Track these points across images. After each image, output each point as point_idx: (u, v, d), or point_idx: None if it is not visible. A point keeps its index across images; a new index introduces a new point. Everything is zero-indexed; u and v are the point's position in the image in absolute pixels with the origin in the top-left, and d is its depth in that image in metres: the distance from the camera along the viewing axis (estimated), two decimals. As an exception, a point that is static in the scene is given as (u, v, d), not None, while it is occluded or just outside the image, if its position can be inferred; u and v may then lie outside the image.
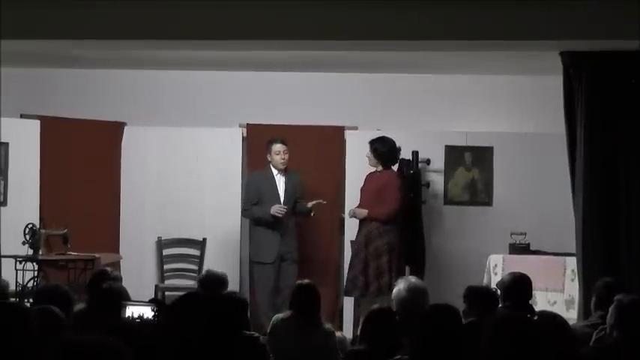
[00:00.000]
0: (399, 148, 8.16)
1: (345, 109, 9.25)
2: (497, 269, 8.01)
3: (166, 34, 6.96)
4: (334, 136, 9.22)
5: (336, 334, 5.81)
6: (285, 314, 5.74)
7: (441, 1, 6.65)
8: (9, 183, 8.74)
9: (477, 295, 5.54)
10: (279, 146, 8.26)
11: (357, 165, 8.64)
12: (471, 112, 9.27)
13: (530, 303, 5.93)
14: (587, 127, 7.07)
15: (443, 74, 9.14)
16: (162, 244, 9.19)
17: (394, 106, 9.29)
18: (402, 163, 8.34)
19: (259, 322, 7.64)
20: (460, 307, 4.94)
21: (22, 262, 7.83)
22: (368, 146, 8.11)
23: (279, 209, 8.16)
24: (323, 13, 6.73)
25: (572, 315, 7.32)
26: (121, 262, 8.79)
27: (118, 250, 9.05)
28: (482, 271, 8.07)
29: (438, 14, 6.70)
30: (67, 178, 8.99)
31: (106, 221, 9.14)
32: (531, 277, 5.96)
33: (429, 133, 9.01)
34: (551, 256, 8.08)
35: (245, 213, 8.54)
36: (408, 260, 8.11)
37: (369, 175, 8.18)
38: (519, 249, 8.24)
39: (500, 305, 5.61)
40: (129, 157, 9.26)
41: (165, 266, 9.20)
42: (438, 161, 8.97)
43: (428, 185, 8.82)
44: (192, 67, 9.04)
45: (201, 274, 6.16)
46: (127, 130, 9.28)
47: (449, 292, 6.76)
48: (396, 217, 8.01)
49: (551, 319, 4.24)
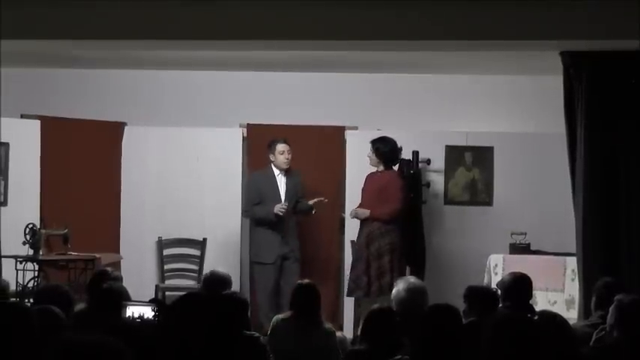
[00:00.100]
0: (400, 147, 8.16)
1: (346, 109, 9.25)
2: (497, 269, 8.01)
3: (166, 34, 6.96)
4: (334, 136, 9.22)
5: (337, 333, 5.81)
6: (286, 314, 5.74)
7: (441, 1, 6.65)
8: (9, 183, 8.74)
9: (478, 295, 5.55)
10: (282, 146, 8.25)
11: (358, 165, 8.64)
12: (472, 112, 9.26)
13: (531, 303, 5.93)
14: (588, 127, 7.07)
15: (443, 74, 9.13)
16: (162, 244, 9.19)
17: (394, 106, 9.29)
18: (402, 163, 8.34)
19: (259, 322, 7.65)
20: (460, 307, 4.94)
21: (23, 262, 7.83)
22: (369, 146, 8.10)
23: (281, 207, 8.14)
24: (323, 13, 6.73)
25: (572, 315, 7.32)
26: (122, 262, 8.79)
27: (118, 250, 9.05)
28: (483, 271, 8.07)
29: (438, 14, 6.70)
30: (67, 178, 8.99)
31: (107, 221, 9.14)
32: (531, 277, 5.96)
33: (429, 133, 9.01)
34: (552, 256, 8.08)
35: (246, 213, 8.53)
36: (408, 260, 8.11)
37: (369, 175, 8.17)
38: (519, 249, 8.24)
39: (501, 305, 5.61)
40: (129, 157, 9.26)
41: (166, 266, 9.20)
42: (438, 161, 8.97)
43: (428, 185, 8.82)
44: (193, 67, 9.04)
45: (206, 274, 6.14)
46: (127, 130, 9.28)
47: (449, 292, 6.76)
48: (399, 217, 8.01)
49: (552, 318, 4.24)
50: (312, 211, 8.40)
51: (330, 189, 9.01)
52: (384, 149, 8.03)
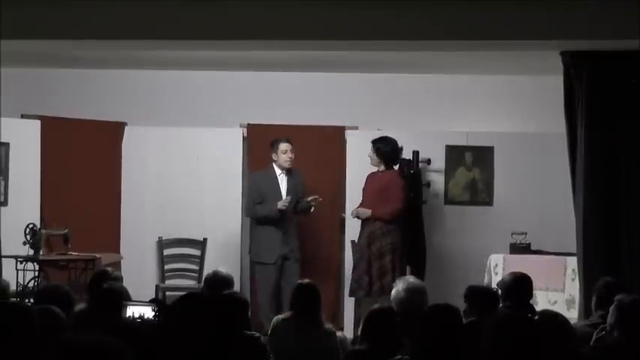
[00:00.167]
0: (401, 147, 8.15)
1: (346, 109, 9.25)
2: (497, 269, 8.01)
3: (166, 34, 6.95)
4: (335, 136, 9.22)
5: (337, 333, 5.80)
6: (286, 314, 5.73)
7: (441, 1, 6.65)
8: (9, 183, 8.74)
9: (478, 295, 5.54)
10: (285, 145, 8.24)
11: (358, 165, 8.64)
12: (472, 112, 9.26)
13: (531, 303, 5.93)
14: (588, 126, 7.07)
15: (443, 74, 9.14)
16: (162, 244, 9.19)
17: (395, 106, 9.29)
18: (402, 163, 8.33)
19: (260, 322, 7.64)
20: (461, 306, 4.94)
21: (23, 262, 7.83)
22: (369, 146, 8.10)
23: (285, 202, 8.13)
24: (323, 13, 6.73)
25: (572, 314, 7.32)
26: (122, 262, 8.79)
27: (118, 250, 9.05)
28: (483, 271, 8.07)
29: (438, 14, 6.70)
30: (67, 178, 8.99)
31: (107, 221, 9.14)
32: (532, 277, 5.96)
33: (429, 133, 9.01)
34: (552, 256, 8.08)
35: (248, 212, 8.49)
36: (408, 260, 8.11)
37: (370, 175, 8.16)
38: (520, 249, 8.24)
39: (501, 305, 5.61)
40: (129, 157, 9.26)
41: (166, 266, 9.20)
42: (438, 161, 8.97)
43: (428, 185, 8.82)
44: (193, 67, 9.04)
45: (208, 274, 6.13)
46: (127, 130, 9.28)
47: (449, 292, 6.76)
48: (400, 216, 8.00)
49: (553, 318, 4.24)
50: (311, 210, 8.38)
51: (331, 189, 9.01)
52: (384, 149, 8.02)
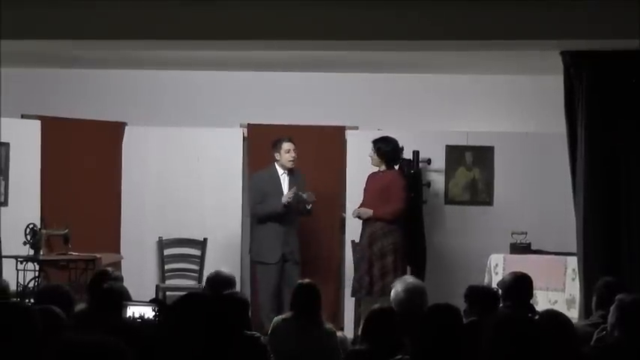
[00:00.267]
0: (401, 147, 8.15)
1: (346, 109, 9.25)
2: (498, 269, 8.00)
3: (166, 34, 6.95)
4: (335, 136, 9.22)
5: (337, 333, 5.80)
6: (286, 315, 5.73)
7: (441, 1, 6.65)
8: (10, 183, 8.74)
9: (478, 295, 5.54)
10: (288, 144, 8.22)
11: (358, 165, 8.64)
12: (472, 112, 9.26)
13: (531, 302, 5.93)
14: (588, 126, 7.07)
15: (443, 74, 9.13)
16: (163, 244, 9.19)
17: (395, 106, 9.29)
18: (402, 162, 8.33)
19: (261, 322, 7.63)
20: (461, 306, 4.94)
21: (23, 263, 7.83)
22: (369, 146, 8.09)
23: (290, 195, 8.11)
24: (323, 13, 6.73)
25: (573, 314, 7.31)
26: (122, 262, 8.79)
27: (118, 250, 9.05)
28: (483, 271, 8.07)
29: (438, 14, 6.70)
30: (67, 178, 8.99)
31: (107, 221, 9.14)
32: (532, 277, 5.96)
33: (429, 132, 9.01)
34: (552, 256, 8.08)
35: (253, 210, 8.43)
36: (409, 260, 8.10)
37: (371, 175, 8.15)
38: (520, 248, 8.24)
39: (501, 305, 5.61)
40: (129, 157, 9.26)
41: (166, 266, 9.20)
42: (438, 161, 8.97)
43: (429, 185, 8.82)
44: (193, 67, 9.04)
45: (210, 274, 6.12)
46: (127, 130, 9.28)
47: (450, 292, 6.75)
48: (402, 216, 7.99)
49: (555, 317, 4.24)
50: (308, 206, 8.28)
51: (331, 189, 9.01)
52: (385, 149, 8.01)
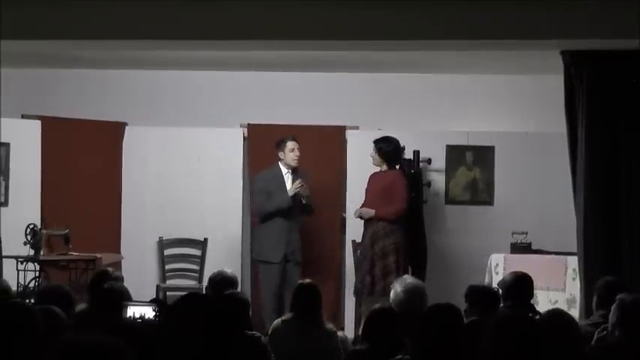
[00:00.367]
0: (403, 147, 8.14)
1: (346, 108, 9.25)
2: (498, 268, 8.00)
3: (166, 34, 6.95)
4: (335, 136, 9.22)
5: (338, 333, 5.80)
6: (287, 316, 5.73)
7: (441, 1, 6.64)
8: (10, 183, 8.74)
9: (479, 295, 5.54)
10: (292, 143, 8.21)
11: (359, 165, 8.64)
12: (472, 112, 9.26)
13: (532, 302, 5.93)
14: (588, 126, 7.06)
15: (443, 74, 9.13)
16: (163, 244, 9.19)
17: (395, 106, 9.29)
18: (403, 162, 8.33)
19: (262, 322, 7.62)
20: (462, 306, 4.94)
21: (24, 263, 7.84)
22: (370, 146, 8.08)
23: (297, 185, 8.10)
24: (323, 13, 6.73)
25: (573, 314, 7.22)
26: (122, 262, 8.79)
27: (119, 250, 9.05)
28: (484, 271, 8.07)
29: (438, 14, 6.70)
30: (68, 178, 9.00)
31: (107, 221, 9.14)
32: (532, 277, 5.95)
33: (430, 132, 9.01)
34: (553, 256, 8.09)
35: (260, 209, 8.34)
36: (410, 260, 8.10)
37: (373, 175, 8.14)
38: (520, 248, 8.24)
39: (502, 305, 5.61)
40: (130, 158, 9.26)
41: (167, 266, 9.20)
42: (439, 161, 8.97)
43: (429, 185, 8.82)
44: (193, 67, 9.04)
45: (213, 274, 6.11)
46: (127, 131, 9.28)
47: (450, 292, 6.75)
48: (404, 216, 7.98)
49: (560, 316, 4.25)
50: (304, 200, 8.26)
51: (331, 189, 9.01)
52: (386, 149, 8.00)
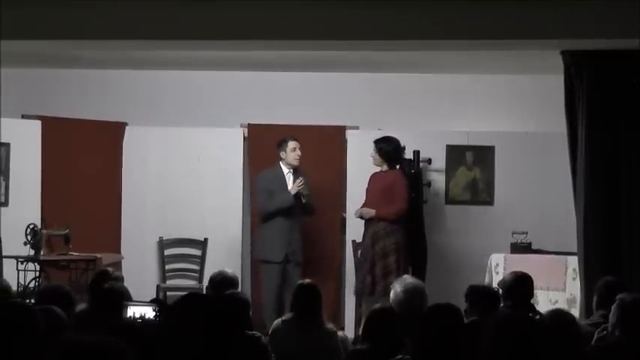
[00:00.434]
0: (403, 147, 8.14)
1: (346, 108, 9.25)
2: (498, 268, 8.00)
3: (166, 34, 6.95)
4: (335, 136, 9.22)
5: (339, 333, 5.80)
6: (286, 317, 5.73)
7: (441, 1, 6.64)
8: (10, 183, 8.75)
9: (479, 295, 5.54)
10: (294, 143, 8.23)
11: (359, 165, 8.64)
12: (472, 112, 9.26)
13: (532, 302, 5.93)
14: (589, 126, 7.06)
15: (444, 74, 9.13)
16: (163, 244, 9.19)
17: (395, 106, 9.29)
18: (403, 162, 8.33)
19: (263, 322, 7.61)
20: (462, 306, 4.94)
21: (24, 263, 7.83)
22: (370, 146, 8.08)
23: (298, 184, 8.11)
24: (323, 13, 6.73)
25: (574, 314, 7.28)
26: (123, 262, 8.78)
27: (119, 251, 9.05)
28: (484, 271, 8.07)
29: (438, 14, 6.70)
30: (68, 178, 9.00)
31: (108, 221, 9.14)
32: (533, 277, 5.95)
33: (430, 132, 9.01)
34: (553, 255, 8.08)
35: (262, 208, 8.34)
36: (410, 260, 8.09)
37: (373, 175, 8.13)
38: (521, 248, 8.24)
39: (502, 305, 5.61)
40: (130, 158, 9.26)
41: (167, 266, 9.20)
42: (439, 161, 8.96)
43: (429, 185, 8.82)
44: (193, 67, 9.04)
45: (213, 274, 6.11)
46: (128, 131, 9.28)
47: (450, 292, 6.74)
48: (404, 216, 7.97)
49: (562, 317, 4.26)
50: (304, 199, 8.27)
51: (331, 189, 9.00)
52: (387, 149, 8.00)
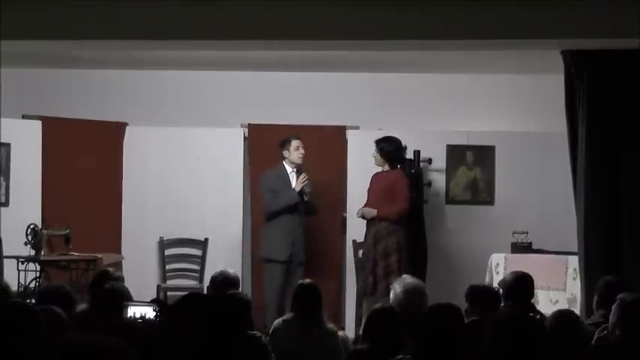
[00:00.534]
0: (404, 147, 8.14)
1: (346, 108, 9.25)
2: (499, 268, 8.00)
3: (166, 34, 6.96)
4: (336, 136, 9.22)
5: (339, 333, 5.80)
6: (287, 316, 5.73)
7: (441, 1, 6.65)
8: (11, 183, 8.75)
9: (479, 295, 5.54)
10: (297, 142, 8.23)
11: (359, 164, 8.65)
12: (472, 112, 9.26)
13: (532, 302, 5.93)
14: (589, 125, 7.07)
15: (444, 74, 9.13)
16: (164, 244, 9.19)
17: (395, 106, 9.29)
18: (404, 162, 8.32)
19: (264, 322, 7.60)
20: (462, 306, 4.94)
21: (24, 263, 7.83)
22: (371, 146, 8.07)
23: (301, 179, 8.12)
24: (323, 13, 6.73)
25: (574, 314, 7.32)
26: (123, 262, 8.78)
27: (120, 251, 9.05)
28: (484, 270, 8.07)
29: (438, 14, 6.70)
30: (68, 178, 9.00)
31: (108, 221, 9.15)
32: (533, 276, 5.95)
33: (430, 132, 9.01)
34: (553, 255, 8.08)
35: (268, 207, 8.32)
36: (411, 260, 8.09)
37: (375, 175, 8.12)
38: (521, 248, 8.24)
39: (502, 304, 5.61)
40: (130, 158, 9.26)
41: (167, 266, 9.20)
42: (439, 160, 8.96)
43: (430, 185, 8.82)
44: (193, 67, 9.04)
45: (215, 274, 6.11)
46: (128, 131, 9.29)
47: (451, 292, 6.74)
48: (406, 216, 7.97)
49: (568, 316, 4.27)
50: (306, 197, 8.26)
51: (332, 189, 9.01)
52: (388, 149, 7.99)
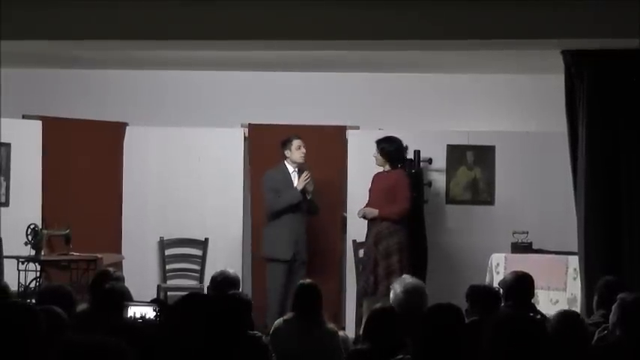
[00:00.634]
0: (405, 147, 8.14)
1: (347, 108, 9.25)
2: (499, 268, 8.00)
3: (166, 34, 6.96)
4: (336, 136, 9.22)
5: (339, 333, 5.81)
6: (287, 316, 5.73)
7: (441, 1, 6.65)
8: (11, 183, 8.75)
9: (480, 294, 5.54)
10: (298, 141, 8.24)
11: (359, 164, 8.65)
12: (473, 112, 9.26)
13: (533, 302, 5.93)
14: (589, 125, 7.07)
15: (444, 74, 9.13)
16: (164, 244, 9.19)
17: (395, 106, 9.29)
18: (405, 162, 8.32)
19: (265, 322, 7.60)
20: (462, 306, 4.94)
21: (25, 263, 7.83)
22: (371, 146, 8.07)
23: (304, 177, 8.13)
24: (323, 13, 6.73)
25: (574, 314, 7.31)
26: (123, 262, 8.78)
27: (120, 251, 9.05)
28: (485, 270, 8.07)
29: (438, 14, 6.70)
30: (68, 178, 9.00)
31: (108, 221, 9.15)
32: (533, 276, 5.95)
33: (430, 132, 9.01)
34: (554, 255, 8.09)
35: (272, 207, 8.32)
36: (411, 260, 8.09)
37: (376, 175, 8.12)
38: (521, 248, 8.24)
39: (503, 304, 5.61)
40: (131, 158, 9.27)
41: (168, 266, 9.21)
42: (439, 160, 8.96)
43: (430, 184, 8.82)
44: (194, 67, 9.04)
45: (215, 274, 6.11)
46: (128, 131, 9.29)
47: (451, 292, 6.74)
48: (407, 216, 7.96)
49: (571, 317, 4.27)
50: (308, 196, 8.28)
51: (332, 189, 9.00)
52: (389, 149, 7.98)
